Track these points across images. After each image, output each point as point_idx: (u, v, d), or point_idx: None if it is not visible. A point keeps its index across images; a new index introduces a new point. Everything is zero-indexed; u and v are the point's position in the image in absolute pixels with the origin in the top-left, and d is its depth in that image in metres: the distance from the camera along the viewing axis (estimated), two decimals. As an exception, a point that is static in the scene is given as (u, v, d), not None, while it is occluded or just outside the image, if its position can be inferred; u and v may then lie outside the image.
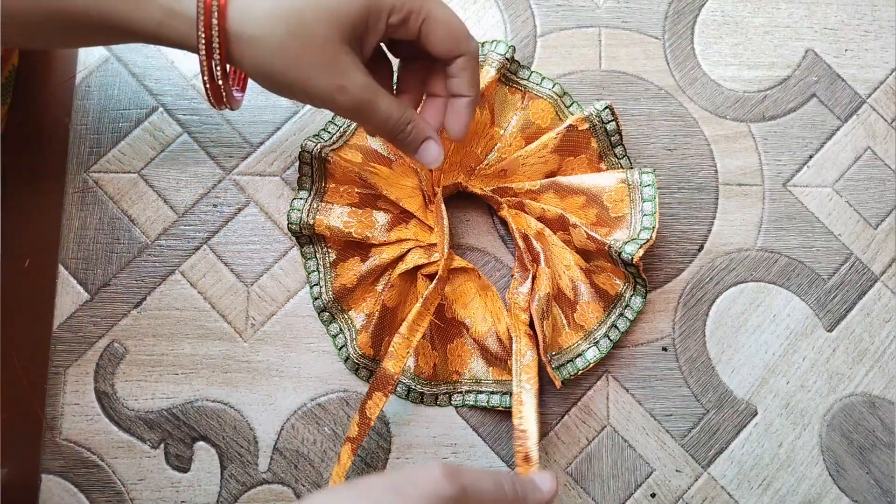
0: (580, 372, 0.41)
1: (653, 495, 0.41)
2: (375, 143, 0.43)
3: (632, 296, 0.42)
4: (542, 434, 0.42)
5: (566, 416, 0.42)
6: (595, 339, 0.41)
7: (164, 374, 0.41)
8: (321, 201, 0.42)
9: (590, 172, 0.43)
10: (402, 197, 0.41)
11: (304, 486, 0.41)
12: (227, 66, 0.33)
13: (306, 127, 0.44)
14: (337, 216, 0.41)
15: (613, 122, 0.42)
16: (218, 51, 0.32)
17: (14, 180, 0.43)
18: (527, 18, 0.46)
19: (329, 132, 0.43)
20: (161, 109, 0.44)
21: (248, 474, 0.41)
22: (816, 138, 0.45)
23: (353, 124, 0.43)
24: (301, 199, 0.42)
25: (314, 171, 0.42)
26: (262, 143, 0.44)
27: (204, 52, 0.32)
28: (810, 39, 0.47)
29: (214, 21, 0.31)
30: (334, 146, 0.42)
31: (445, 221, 0.41)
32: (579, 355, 0.41)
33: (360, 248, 0.42)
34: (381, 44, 0.36)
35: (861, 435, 0.42)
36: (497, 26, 0.46)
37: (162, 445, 0.41)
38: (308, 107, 0.45)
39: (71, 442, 0.41)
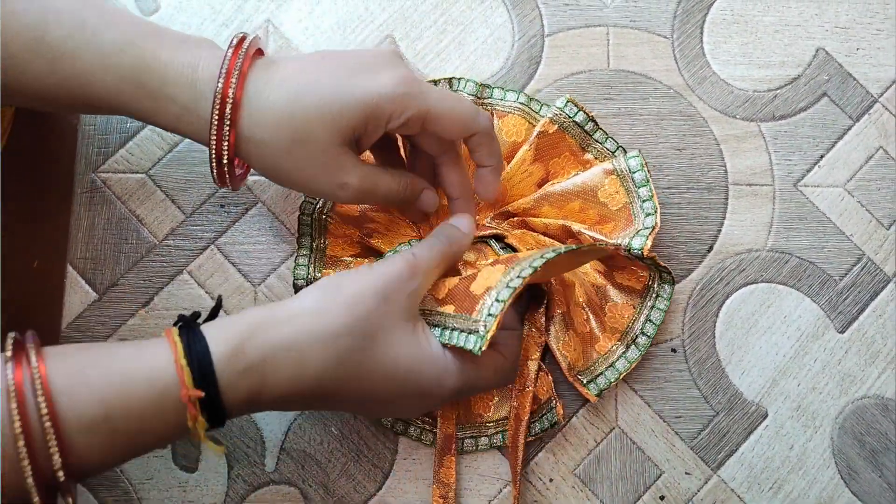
0: (621, 376, 0.40)
1: (662, 498, 0.41)
2: None
3: (660, 285, 0.41)
4: (551, 436, 0.41)
5: (574, 418, 0.42)
6: (633, 337, 0.41)
7: (171, 374, 0.41)
8: (324, 256, 0.41)
9: (577, 166, 0.42)
10: None
11: (311, 486, 0.40)
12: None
13: (313, 127, 0.44)
14: (343, 267, 0.41)
15: (581, 113, 0.41)
16: (227, 150, 0.34)
17: (22, 181, 0.43)
18: (534, 18, 0.46)
19: None
20: (169, 110, 0.44)
21: (255, 474, 0.41)
22: (827, 138, 0.45)
23: None
24: (304, 255, 0.41)
25: (314, 230, 0.42)
26: (269, 144, 0.44)
27: (214, 151, 0.34)
28: (821, 38, 0.46)
29: (227, 126, 0.34)
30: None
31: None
32: (620, 357, 0.41)
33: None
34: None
35: (874, 438, 0.42)
36: (504, 26, 0.46)
37: (169, 445, 0.41)
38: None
39: (79, 441, 0.41)
